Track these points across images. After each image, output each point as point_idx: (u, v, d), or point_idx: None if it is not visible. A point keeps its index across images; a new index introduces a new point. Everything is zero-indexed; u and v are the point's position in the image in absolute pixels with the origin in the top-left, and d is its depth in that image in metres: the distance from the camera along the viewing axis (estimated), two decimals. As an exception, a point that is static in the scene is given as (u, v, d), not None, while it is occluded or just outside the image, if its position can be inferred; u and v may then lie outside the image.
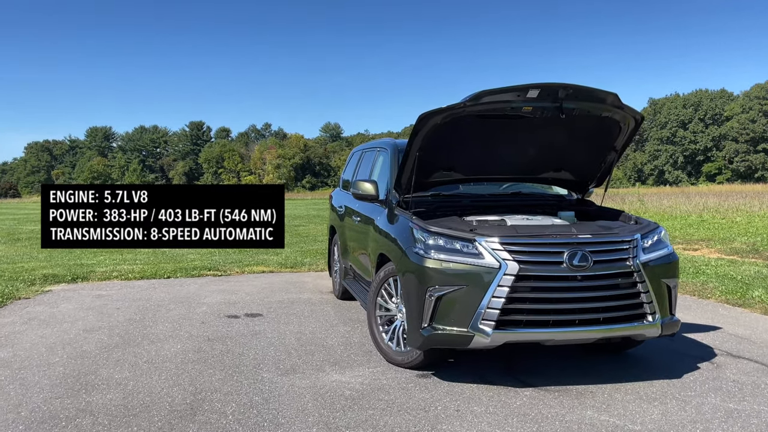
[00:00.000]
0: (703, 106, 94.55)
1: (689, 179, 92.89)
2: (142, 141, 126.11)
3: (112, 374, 4.82)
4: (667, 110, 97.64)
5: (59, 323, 6.53)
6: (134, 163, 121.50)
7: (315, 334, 6.05)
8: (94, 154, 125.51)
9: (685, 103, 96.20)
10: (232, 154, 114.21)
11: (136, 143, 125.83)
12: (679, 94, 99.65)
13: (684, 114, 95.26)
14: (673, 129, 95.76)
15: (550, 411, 4.03)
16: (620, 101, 4.81)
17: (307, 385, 4.54)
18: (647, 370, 4.90)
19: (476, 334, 4.22)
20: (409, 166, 5.10)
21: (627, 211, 6.22)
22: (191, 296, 8.07)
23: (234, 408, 4.10)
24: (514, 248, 4.27)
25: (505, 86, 4.56)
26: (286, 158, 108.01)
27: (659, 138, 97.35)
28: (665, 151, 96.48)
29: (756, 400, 4.23)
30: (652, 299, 4.41)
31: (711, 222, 17.31)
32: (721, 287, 8.10)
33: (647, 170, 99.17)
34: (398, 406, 4.10)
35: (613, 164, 5.51)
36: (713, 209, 19.93)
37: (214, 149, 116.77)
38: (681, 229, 15.86)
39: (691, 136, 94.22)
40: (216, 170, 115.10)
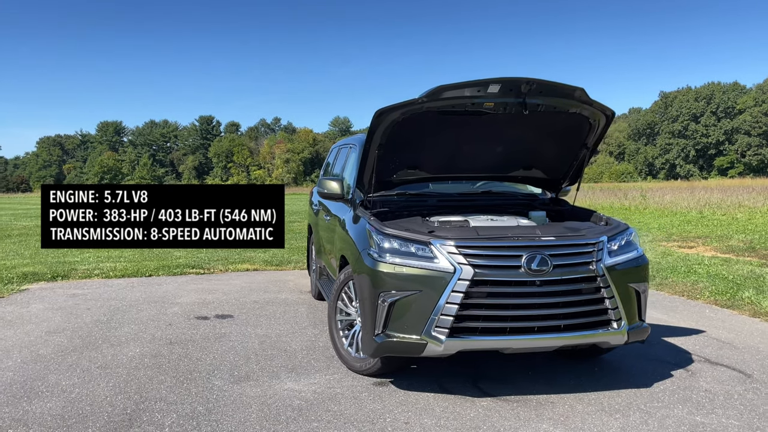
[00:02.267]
0: (715, 99, 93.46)
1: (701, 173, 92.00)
2: (153, 135, 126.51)
3: (60, 380, 4.66)
4: (678, 103, 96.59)
5: (24, 324, 6.39)
6: (144, 158, 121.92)
7: (281, 337, 5.86)
8: (105, 149, 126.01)
9: (696, 96, 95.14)
10: (241, 148, 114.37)
11: (146, 138, 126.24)
12: (691, 87, 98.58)
13: (696, 107, 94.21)
14: (685, 122, 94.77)
15: (503, 424, 3.82)
16: (587, 96, 4.57)
17: (257, 394, 4.35)
18: (617, 378, 4.67)
19: (429, 342, 4.01)
20: (370, 164, 4.89)
21: (628, 207, 5.98)
22: (166, 296, 7.92)
23: (174, 419, 3.91)
24: (469, 252, 4.05)
25: (465, 81, 4.33)
26: (295, 152, 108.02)
27: (670, 131, 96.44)
28: (677, 145, 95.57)
29: (725, 413, 3.99)
30: (617, 305, 4.18)
31: (711, 218, 16.94)
32: (711, 287, 7.84)
33: (658, 164, 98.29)
34: (345, 418, 3.91)
35: (585, 162, 5.27)
36: (715, 205, 19.52)
37: (224, 144, 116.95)
38: (678, 225, 15.53)
39: (702, 129, 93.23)
40: (225, 164, 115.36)
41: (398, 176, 5.22)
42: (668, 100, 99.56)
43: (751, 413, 3.99)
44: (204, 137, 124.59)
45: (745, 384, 4.55)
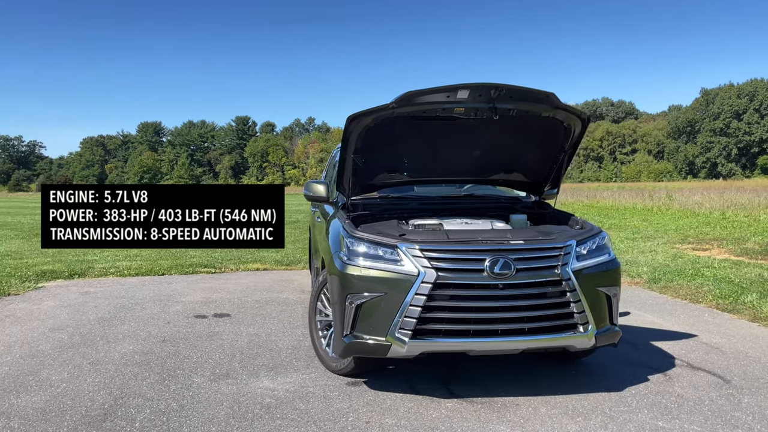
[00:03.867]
0: (758, 95, 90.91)
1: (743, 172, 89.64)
2: (191, 136, 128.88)
3: (50, 375, 4.87)
4: (720, 100, 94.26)
5: (31, 321, 6.67)
6: (183, 158, 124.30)
7: (270, 336, 6.00)
8: (145, 149, 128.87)
9: (739, 93, 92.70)
10: (276, 148, 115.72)
11: (184, 138, 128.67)
12: (733, 84, 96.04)
13: (738, 104, 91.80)
14: (727, 120, 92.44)
15: (462, 425, 3.87)
16: (559, 101, 4.58)
17: (232, 391, 4.49)
18: (590, 382, 4.68)
19: (394, 343, 4.09)
20: (347, 168, 4.99)
21: (650, 208, 5.93)
22: (173, 294, 8.14)
23: (146, 415, 4.07)
24: (433, 255, 4.12)
25: (434, 87, 4.39)
26: (329, 152, 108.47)
27: (711, 129, 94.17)
28: (718, 143, 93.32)
29: (690, 418, 3.98)
30: (584, 309, 4.19)
31: (732, 220, 16.54)
32: (715, 291, 7.71)
33: (699, 163, 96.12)
34: (309, 417, 4.01)
35: (564, 165, 5.27)
36: (740, 206, 19.01)
37: (259, 143, 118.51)
38: (697, 227, 15.20)
39: (745, 127, 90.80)
40: (261, 164, 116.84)
41: (378, 180, 5.30)
42: (709, 98, 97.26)
43: (717, 419, 3.97)
44: (240, 137, 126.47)
45: (721, 390, 4.51)
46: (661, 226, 16.15)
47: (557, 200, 5.65)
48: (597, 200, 29.54)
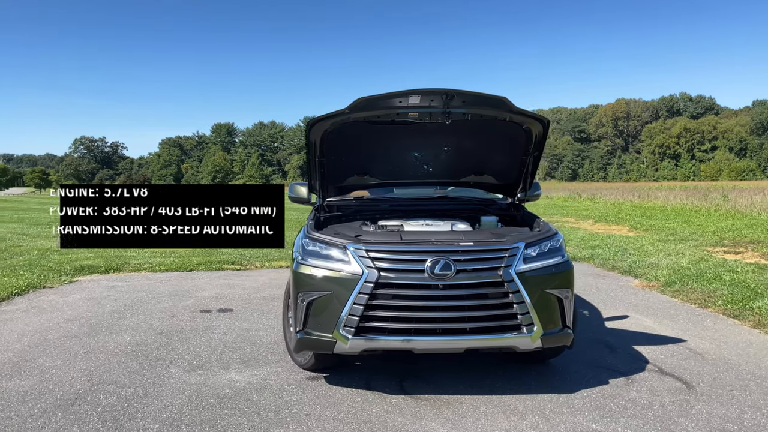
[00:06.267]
0: None
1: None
2: (261, 136, 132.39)
3: (45, 362, 5.29)
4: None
5: (52, 312, 7.19)
6: (254, 157, 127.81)
7: (259, 331, 6.27)
8: (218, 149, 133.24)
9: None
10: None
11: (255, 138, 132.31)
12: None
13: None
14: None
15: (395, 420, 4.01)
16: (511, 105, 4.62)
17: (198, 382, 4.77)
18: (548, 383, 4.70)
19: (338, 340, 4.26)
20: (315, 171, 5.18)
21: (699, 209, 5.83)
22: (191, 290, 8.56)
23: (112, 401, 4.39)
24: (377, 255, 4.26)
25: (386, 92, 4.53)
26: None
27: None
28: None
29: (628, 422, 3.97)
30: (527, 310, 4.22)
31: (779, 222, 15.68)
32: (727, 296, 7.46)
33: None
34: (256, 408, 4.24)
35: (531, 168, 5.28)
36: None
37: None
38: (737, 230, 14.47)
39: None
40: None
41: (349, 182, 5.47)
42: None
43: (656, 424, 3.94)
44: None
45: (678, 396, 4.45)
46: (700, 227, 15.52)
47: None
48: (648, 200, 28.50)
